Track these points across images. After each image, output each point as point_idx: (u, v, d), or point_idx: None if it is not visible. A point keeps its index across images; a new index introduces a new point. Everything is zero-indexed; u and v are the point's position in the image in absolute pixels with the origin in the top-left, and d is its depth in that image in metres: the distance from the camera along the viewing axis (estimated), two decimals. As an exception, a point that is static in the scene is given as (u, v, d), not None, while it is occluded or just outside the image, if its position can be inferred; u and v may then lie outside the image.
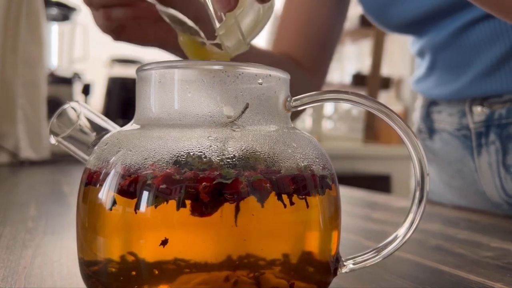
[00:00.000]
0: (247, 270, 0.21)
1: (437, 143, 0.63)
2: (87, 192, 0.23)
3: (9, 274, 0.29)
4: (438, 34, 0.58)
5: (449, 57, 0.58)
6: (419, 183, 0.24)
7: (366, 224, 0.50)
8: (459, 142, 0.59)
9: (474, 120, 0.56)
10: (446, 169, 0.63)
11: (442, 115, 0.61)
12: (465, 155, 0.59)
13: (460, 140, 0.59)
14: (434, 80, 0.61)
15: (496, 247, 0.39)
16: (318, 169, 0.23)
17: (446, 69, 0.59)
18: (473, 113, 0.56)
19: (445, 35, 0.57)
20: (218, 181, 0.20)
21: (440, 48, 0.58)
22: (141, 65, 0.24)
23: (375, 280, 0.29)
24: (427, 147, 0.64)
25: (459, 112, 0.58)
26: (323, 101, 0.25)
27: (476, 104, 0.56)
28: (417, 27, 0.59)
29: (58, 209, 0.56)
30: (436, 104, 0.62)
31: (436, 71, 0.61)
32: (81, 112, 0.27)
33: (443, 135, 0.61)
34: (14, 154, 1.11)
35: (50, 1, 1.39)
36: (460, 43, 0.56)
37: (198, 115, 0.23)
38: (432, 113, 0.63)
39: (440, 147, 0.62)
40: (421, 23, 0.58)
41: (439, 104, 0.62)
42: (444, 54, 0.58)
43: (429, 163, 0.65)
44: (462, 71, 0.56)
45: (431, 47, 0.60)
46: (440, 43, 0.58)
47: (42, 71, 1.16)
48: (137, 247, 0.21)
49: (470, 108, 0.57)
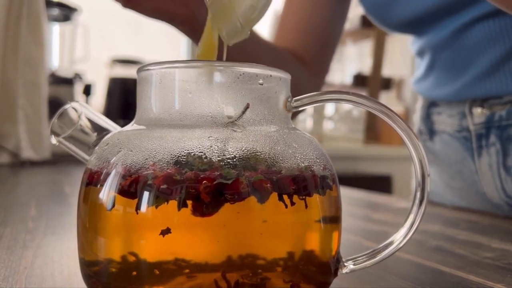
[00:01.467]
0: (248, 271, 0.21)
1: (438, 144, 0.62)
2: (88, 192, 0.23)
3: (10, 274, 0.29)
4: (438, 33, 0.58)
5: (448, 57, 0.58)
6: (420, 183, 0.24)
7: (366, 224, 0.50)
8: (459, 143, 0.59)
9: (474, 122, 0.56)
10: (447, 170, 0.63)
11: (442, 116, 0.61)
12: (465, 156, 0.59)
13: (460, 142, 0.59)
14: (433, 80, 0.61)
15: (496, 247, 0.39)
16: (318, 170, 0.23)
17: (445, 69, 0.59)
18: (473, 114, 0.56)
19: (445, 35, 0.57)
20: (218, 181, 0.20)
21: (440, 48, 0.58)
22: (142, 66, 0.25)
23: (376, 280, 0.29)
24: (427, 148, 0.64)
25: (459, 114, 0.58)
26: (324, 101, 0.25)
27: (476, 106, 0.56)
28: (417, 26, 0.59)
29: (58, 209, 0.56)
30: (436, 105, 0.62)
31: (436, 71, 0.61)
32: (82, 112, 0.27)
33: (443, 137, 0.61)
34: (15, 154, 1.12)
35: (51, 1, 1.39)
36: (460, 43, 0.56)
37: (199, 116, 0.23)
38: (432, 115, 0.63)
39: (440, 148, 0.62)
40: (421, 23, 0.58)
41: (439, 106, 0.62)
42: (444, 54, 0.58)
43: (429, 164, 0.65)
44: (461, 71, 0.56)
45: (431, 47, 0.60)
46: (439, 43, 0.58)
47: (43, 72, 1.16)
48: (137, 247, 0.21)
49: (470, 110, 0.57)
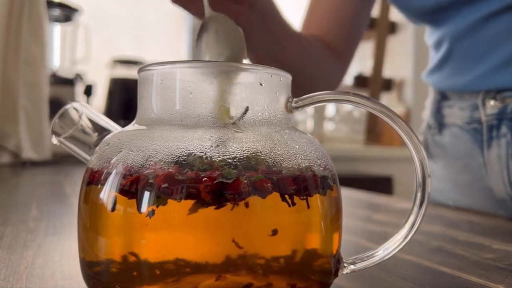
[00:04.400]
0: (248, 271, 0.21)
1: (447, 138, 0.63)
2: (89, 192, 0.23)
3: (10, 274, 0.29)
4: (458, 23, 0.58)
5: (466, 48, 0.59)
6: (421, 184, 0.24)
7: (367, 225, 0.50)
8: (469, 136, 0.59)
9: (487, 113, 0.57)
10: (454, 164, 0.63)
11: (453, 109, 0.62)
12: (474, 149, 0.59)
13: (470, 134, 0.59)
14: (448, 71, 0.62)
15: (497, 248, 0.39)
16: (319, 170, 0.23)
17: (462, 60, 0.60)
18: (485, 106, 0.57)
19: (464, 25, 0.57)
20: (219, 181, 0.20)
21: (458, 38, 0.59)
22: (143, 66, 0.25)
23: (376, 281, 0.29)
24: (436, 142, 0.65)
25: (471, 106, 0.59)
26: (324, 101, 0.25)
27: (489, 98, 0.56)
28: (438, 15, 0.60)
29: (59, 209, 0.56)
30: (447, 98, 0.63)
31: (452, 62, 0.61)
32: (83, 112, 0.27)
33: (452, 130, 0.62)
34: (15, 154, 1.12)
35: (52, 2, 1.40)
36: (479, 34, 0.56)
37: (200, 116, 0.23)
38: (443, 108, 0.63)
39: (449, 141, 0.63)
40: (443, 11, 0.59)
41: (450, 99, 0.62)
42: (462, 44, 0.59)
43: (437, 159, 0.66)
44: (478, 62, 0.57)
45: (450, 37, 0.60)
46: (459, 32, 0.59)
47: (44, 72, 1.17)
48: (138, 247, 0.21)
49: (483, 102, 0.57)
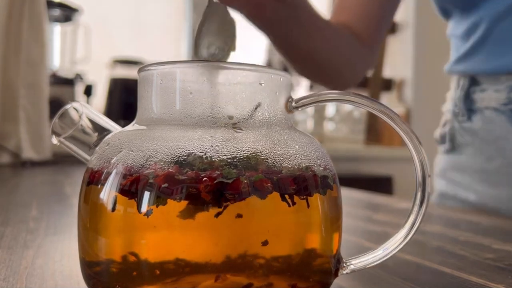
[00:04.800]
0: (248, 271, 0.21)
1: (477, 123, 0.63)
2: (89, 192, 0.23)
3: (11, 274, 0.29)
4: (497, 5, 0.59)
5: (506, 28, 0.59)
6: (421, 184, 0.24)
7: (367, 225, 0.50)
8: (505, 117, 0.60)
9: None
10: (486, 149, 0.63)
11: (486, 93, 0.62)
12: (510, 130, 0.59)
13: (506, 115, 0.60)
14: (483, 55, 0.62)
15: (497, 248, 0.39)
16: (319, 170, 0.23)
17: (500, 41, 0.60)
18: None
19: (506, 5, 0.58)
20: (219, 181, 0.20)
21: (498, 19, 0.59)
22: (143, 66, 0.25)
23: (376, 281, 0.29)
24: (464, 130, 0.65)
25: (508, 87, 0.59)
26: (325, 101, 0.25)
27: None
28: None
29: (59, 209, 0.56)
30: (478, 83, 0.63)
31: (488, 45, 0.61)
32: (83, 112, 0.27)
33: (485, 113, 0.62)
34: (16, 154, 1.12)
35: (52, 2, 1.40)
36: None
37: (200, 116, 0.23)
38: (474, 93, 0.63)
39: (480, 126, 0.63)
40: None
41: (482, 83, 0.62)
42: (502, 25, 0.59)
43: (464, 148, 0.66)
44: None
45: (488, 19, 0.60)
46: (499, 13, 0.59)
47: (44, 72, 1.17)
48: (138, 247, 0.21)
49: None
